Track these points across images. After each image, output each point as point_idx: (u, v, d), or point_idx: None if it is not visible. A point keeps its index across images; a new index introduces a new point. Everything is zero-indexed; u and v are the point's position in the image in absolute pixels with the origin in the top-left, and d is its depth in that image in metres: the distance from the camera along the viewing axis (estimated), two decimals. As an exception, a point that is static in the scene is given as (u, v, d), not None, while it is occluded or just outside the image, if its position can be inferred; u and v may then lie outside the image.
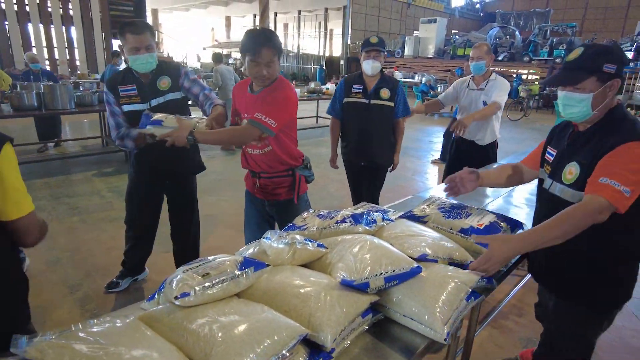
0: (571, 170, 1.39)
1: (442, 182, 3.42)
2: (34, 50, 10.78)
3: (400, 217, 1.62)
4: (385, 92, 2.92)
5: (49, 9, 10.61)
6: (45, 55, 10.67)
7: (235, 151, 7.09)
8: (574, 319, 1.53)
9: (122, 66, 5.97)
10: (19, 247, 1.24)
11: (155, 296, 1.21)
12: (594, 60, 1.33)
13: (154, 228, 2.69)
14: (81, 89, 8.19)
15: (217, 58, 7.08)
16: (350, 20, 22.56)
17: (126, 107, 2.28)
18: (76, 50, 11.37)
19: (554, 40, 16.44)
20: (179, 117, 1.99)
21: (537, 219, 1.55)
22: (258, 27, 1.95)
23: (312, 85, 10.88)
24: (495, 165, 3.06)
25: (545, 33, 18.70)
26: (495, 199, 2.52)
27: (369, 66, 2.87)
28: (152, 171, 2.45)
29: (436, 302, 1.14)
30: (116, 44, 13.56)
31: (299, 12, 25.37)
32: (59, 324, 2.44)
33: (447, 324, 1.11)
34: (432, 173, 6.48)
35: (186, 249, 2.72)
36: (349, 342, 1.09)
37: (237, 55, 25.47)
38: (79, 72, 11.11)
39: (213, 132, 1.96)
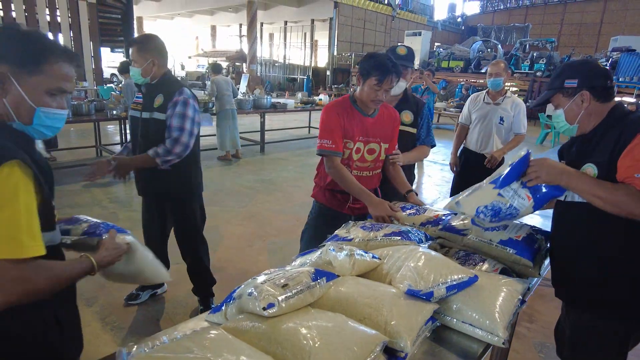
0: (588, 172, 1.39)
1: (452, 193, 3.57)
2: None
3: (441, 229, 1.70)
4: (407, 116, 2.42)
5: (36, 16, 10.42)
6: (32, 63, 10.46)
7: (231, 161, 7.10)
8: (612, 334, 1.46)
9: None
10: None
11: (222, 308, 1.24)
12: (556, 78, 1.47)
13: (161, 242, 2.73)
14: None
15: (216, 68, 7.07)
16: (336, 32, 22.88)
17: (129, 112, 2.50)
18: (63, 58, 11.18)
19: (535, 54, 17.05)
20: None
21: (555, 230, 1.59)
22: (382, 51, 2.07)
23: (299, 95, 10.99)
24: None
25: (525, 47, 19.38)
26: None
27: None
28: (143, 190, 2.60)
29: (495, 308, 1.22)
30: (104, 51, 13.42)
31: (285, 22, 25.59)
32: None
33: (506, 328, 1.19)
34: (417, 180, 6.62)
35: (197, 266, 2.74)
36: (416, 348, 1.16)
37: (222, 64, 25.46)
38: (65, 79, 10.91)
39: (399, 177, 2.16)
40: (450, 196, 3.59)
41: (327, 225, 2.16)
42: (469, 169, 3.47)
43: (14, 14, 10.15)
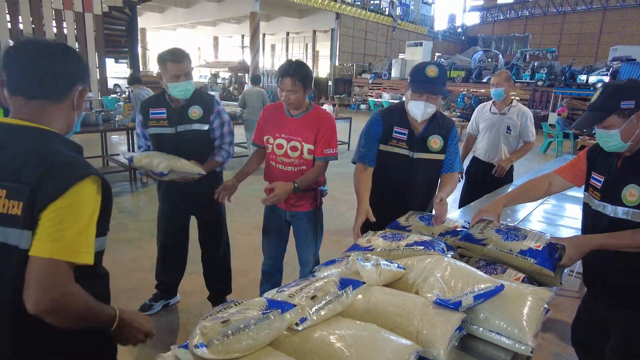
0: (632, 193, 1.50)
1: (461, 200, 3.58)
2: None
3: (460, 239, 1.71)
4: (436, 141, 2.10)
5: (43, 27, 10.55)
6: (38, 74, 10.55)
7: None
8: None
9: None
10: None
11: None
12: (611, 100, 1.50)
13: (183, 252, 2.73)
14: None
15: (254, 80, 7.51)
16: (337, 43, 23.08)
17: (152, 130, 2.41)
18: (69, 69, 11.28)
19: (535, 64, 17.16)
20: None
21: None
22: (294, 59, 2.24)
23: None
24: (512, 186, 3.22)
25: (525, 57, 19.51)
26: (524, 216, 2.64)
27: (420, 111, 2.01)
28: (177, 202, 2.56)
29: (522, 316, 1.22)
30: (109, 62, 13.53)
31: (287, 33, 25.84)
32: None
33: (534, 337, 1.20)
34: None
35: (217, 271, 2.76)
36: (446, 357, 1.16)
37: (224, 75, 25.67)
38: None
39: (308, 176, 2.24)
40: (459, 204, 3.59)
41: (271, 217, 2.47)
42: (479, 178, 3.48)
43: (21, 26, 10.29)
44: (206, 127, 2.40)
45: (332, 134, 2.26)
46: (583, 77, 15.76)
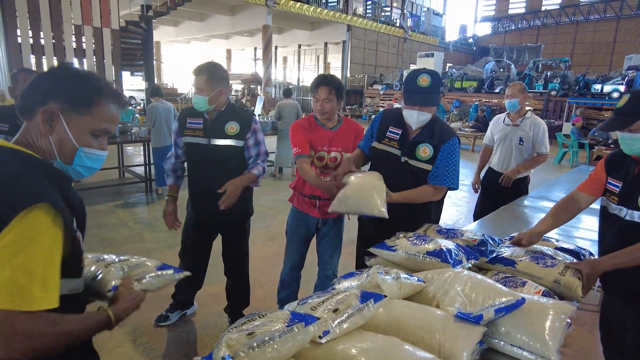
0: None
1: (476, 212, 3.56)
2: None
3: (489, 261, 1.73)
4: (425, 150, 2.02)
5: (63, 43, 10.87)
6: (58, 87, 10.86)
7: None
8: None
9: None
10: None
11: None
12: None
13: (205, 263, 2.75)
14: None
15: (286, 93, 7.90)
16: (349, 54, 23.25)
17: (187, 139, 2.40)
18: (86, 82, 11.58)
19: (548, 73, 17.06)
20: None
21: (608, 242, 1.73)
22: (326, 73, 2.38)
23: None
24: (528, 199, 3.19)
25: (538, 67, 19.42)
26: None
27: (414, 120, 1.99)
28: (207, 214, 2.53)
29: (544, 330, 1.22)
30: (124, 75, 13.84)
31: (299, 46, 26.12)
32: (115, 358, 2.45)
33: (557, 352, 1.19)
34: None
35: (239, 285, 2.78)
36: (467, 371, 1.16)
37: (237, 87, 26.00)
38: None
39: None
40: (474, 216, 3.57)
41: (299, 226, 2.52)
42: (493, 189, 3.48)
43: (42, 41, 10.61)
44: (241, 144, 2.39)
45: None
46: (598, 87, 15.59)
